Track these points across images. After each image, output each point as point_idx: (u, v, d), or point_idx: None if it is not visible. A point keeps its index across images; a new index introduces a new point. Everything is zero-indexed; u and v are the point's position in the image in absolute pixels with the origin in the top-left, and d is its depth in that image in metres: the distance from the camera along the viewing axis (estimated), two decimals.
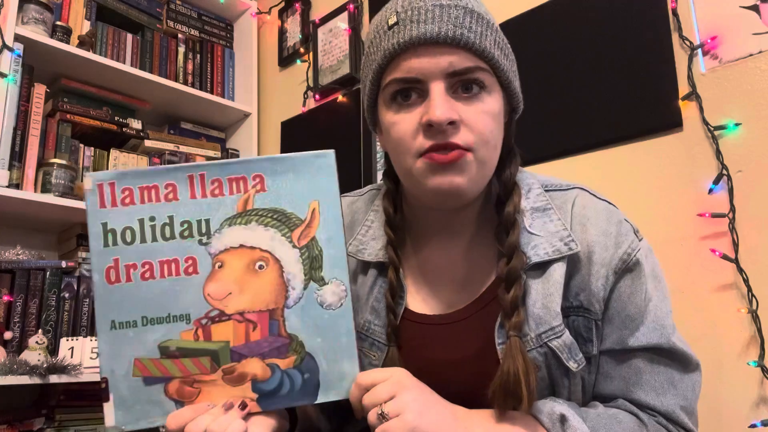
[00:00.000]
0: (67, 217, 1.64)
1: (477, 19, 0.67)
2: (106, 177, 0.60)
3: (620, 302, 0.70)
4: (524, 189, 0.75)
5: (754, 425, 0.93)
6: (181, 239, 0.60)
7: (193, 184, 0.60)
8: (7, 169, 1.48)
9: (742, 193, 1.01)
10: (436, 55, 0.66)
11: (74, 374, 1.40)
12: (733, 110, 1.04)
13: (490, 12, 0.72)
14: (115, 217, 0.60)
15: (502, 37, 0.71)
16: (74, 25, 1.77)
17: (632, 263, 0.70)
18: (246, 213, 0.60)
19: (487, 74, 0.68)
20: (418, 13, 0.67)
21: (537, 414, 0.64)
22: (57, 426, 1.48)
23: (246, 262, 0.60)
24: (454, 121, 0.65)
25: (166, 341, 0.59)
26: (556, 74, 1.29)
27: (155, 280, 0.59)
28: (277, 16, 2.11)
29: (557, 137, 1.26)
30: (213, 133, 2.14)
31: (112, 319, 0.59)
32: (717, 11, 1.08)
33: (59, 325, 1.53)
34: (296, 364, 0.59)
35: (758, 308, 0.97)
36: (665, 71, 1.12)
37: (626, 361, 0.70)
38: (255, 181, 0.60)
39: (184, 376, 0.59)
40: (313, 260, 0.60)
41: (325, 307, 0.60)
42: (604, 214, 0.73)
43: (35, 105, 1.59)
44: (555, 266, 0.69)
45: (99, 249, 0.60)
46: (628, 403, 0.70)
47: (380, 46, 0.69)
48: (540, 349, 0.68)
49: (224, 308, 0.59)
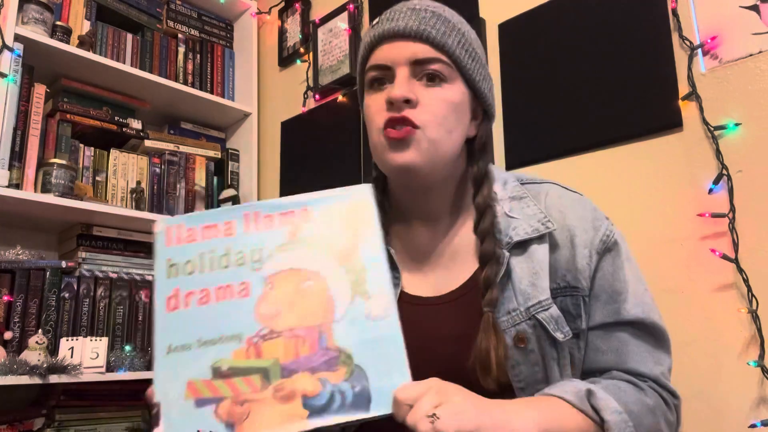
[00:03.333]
0: (67, 217, 1.64)
1: (443, 21, 0.80)
2: (175, 221, 0.66)
3: (605, 280, 0.78)
4: (500, 182, 0.85)
5: (754, 425, 0.93)
6: (236, 267, 0.64)
7: (248, 221, 0.65)
8: (7, 169, 1.48)
9: (742, 193, 1.01)
10: (402, 46, 0.78)
11: (74, 374, 1.40)
12: (733, 110, 1.04)
13: (466, 23, 0.84)
14: (179, 252, 0.65)
15: (468, 41, 0.82)
16: (74, 25, 1.76)
17: (611, 243, 0.79)
18: (294, 240, 0.65)
19: (448, 67, 0.79)
20: (394, 14, 0.81)
21: (563, 395, 0.68)
22: (57, 426, 1.48)
23: (294, 282, 0.63)
24: (410, 100, 0.76)
25: (218, 361, 0.61)
26: (556, 74, 1.28)
27: (210, 305, 0.62)
28: (277, 16, 2.11)
29: (557, 137, 1.26)
30: (213, 133, 2.14)
31: (169, 344, 0.62)
32: (717, 11, 1.08)
33: (59, 325, 1.53)
34: (346, 377, 0.60)
35: (758, 308, 0.97)
36: (665, 71, 1.12)
37: (615, 334, 0.77)
38: (302, 212, 0.66)
39: (234, 396, 0.60)
40: (357, 275, 0.63)
41: (372, 318, 0.62)
42: (579, 203, 0.83)
43: (35, 105, 1.59)
44: (536, 247, 0.77)
45: (162, 280, 0.64)
46: (622, 373, 0.76)
47: (364, 42, 0.84)
48: (529, 321, 0.74)
49: (274, 326, 0.61)
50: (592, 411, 0.66)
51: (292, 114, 1.97)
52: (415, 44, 0.78)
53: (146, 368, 1.58)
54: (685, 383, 1.02)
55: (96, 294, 1.63)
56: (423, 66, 0.78)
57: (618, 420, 0.66)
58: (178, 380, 0.60)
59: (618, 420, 0.66)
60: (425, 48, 0.78)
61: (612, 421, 0.65)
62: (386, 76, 0.79)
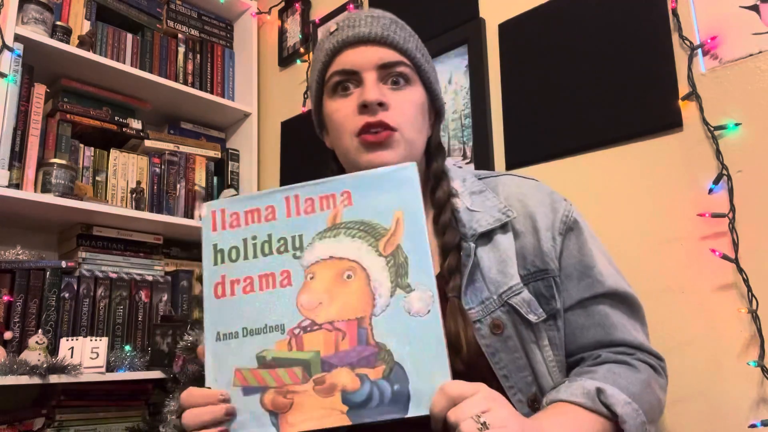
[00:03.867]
0: (67, 217, 1.64)
1: (401, 27, 0.85)
2: (219, 205, 0.66)
3: (573, 258, 0.81)
4: (459, 179, 0.88)
5: (754, 425, 0.93)
6: (278, 254, 0.64)
7: (289, 205, 0.65)
8: (7, 169, 1.48)
9: (742, 193, 1.01)
10: (369, 51, 0.81)
11: (74, 374, 1.40)
12: (733, 110, 1.04)
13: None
14: (224, 238, 0.65)
15: (422, 46, 0.88)
16: (74, 25, 1.76)
17: (572, 222, 0.83)
18: (335, 227, 0.64)
19: (410, 70, 0.83)
20: (354, 20, 0.83)
21: (575, 399, 0.68)
22: (57, 426, 1.48)
23: (335, 272, 0.62)
24: (383, 103, 0.78)
25: (262, 351, 0.62)
26: (555, 74, 1.28)
27: (254, 294, 0.63)
28: (277, 16, 2.11)
29: (557, 137, 1.26)
30: (213, 133, 2.14)
31: (218, 331, 0.63)
32: (717, 11, 1.08)
33: (59, 325, 1.53)
34: (385, 374, 0.59)
35: (758, 308, 0.97)
36: (665, 71, 1.12)
37: (595, 308, 0.80)
38: (343, 196, 0.64)
39: (278, 386, 0.61)
40: (398, 267, 0.62)
41: (413, 314, 0.61)
42: (536, 188, 0.86)
43: (35, 105, 1.59)
44: (501, 236, 0.81)
45: (210, 267, 0.65)
46: (609, 353, 0.77)
47: (323, 48, 0.85)
48: (503, 308, 0.77)
49: (315, 318, 0.61)
50: (604, 408, 0.68)
51: (292, 114, 1.97)
52: (381, 49, 0.81)
53: (146, 368, 1.58)
54: (685, 383, 1.02)
55: (96, 294, 1.63)
56: (389, 69, 0.81)
57: (629, 411, 0.68)
58: (226, 367, 0.62)
59: (629, 411, 0.68)
60: (391, 52, 0.81)
61: (624, 413, 0.67)
62: (352, 81, 0.82)
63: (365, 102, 0.78)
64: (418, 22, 0.95)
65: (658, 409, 0.76)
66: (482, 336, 0.75)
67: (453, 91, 1.47)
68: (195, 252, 1.97)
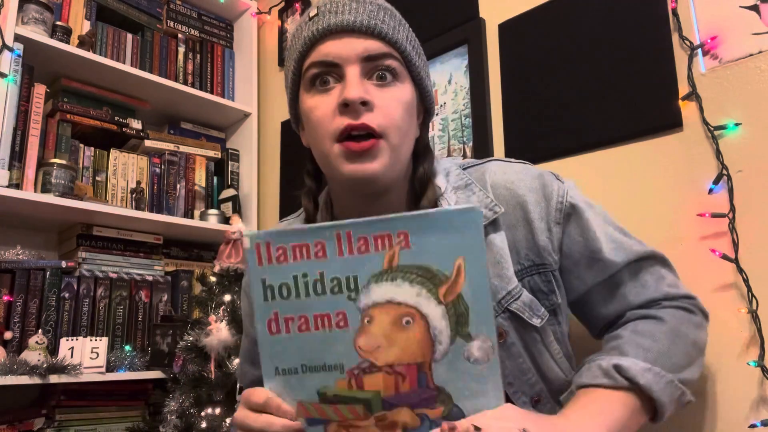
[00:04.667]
0: (67, 217, 1.64)
1: (390, 15, 0.75)
2: (262, 237, 0.63)
3: (577, 244, 0.77)
4: (443, 174, 0.81)
5: (754, 425, 0.93)
6: (332, 295, 0.62)
7: (340, 242, 0.61)
8: (7, 169, 1.48)
9: (742, 193, 1.01)
10: (352, 42, 0.72)
11: (74, 374, 1.40)
12: (733, 110, 1.04)
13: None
14: (272, 273, 0.63)
15: (413, 37, 0.78)
16: (74, 25, 1.77)
17: (568, 208, 0.78)
18: (392, 269, 0.61)
19: (399, 63, 0.74)
20: (337, 5, 0.73)
21: (596, 381, 0.68)
22: (57, 426, 1.48)
23: (393, 317, 0.61)
24: (367, 102, 0.70)
25: (323, 388, 0.62)
26: (556, 74, 1.28)
27: (311, 332, 0.62)
28: (277, 16, 2.11)
29: (557, 137, 1.26)
30: (213, 133, 2.14)
31: (276, 366, 0.63)
32: (717, 11, 1.08)
33: (59, 325, 1.53)
34: (444, 414, 0.60)
35: (758, 308, 0.97)
36: (665, 71, 1.12)
37: (613, 284, 0.78)
38: (399, 238, 0.60)
39: (341, 420, 0.61)
40: (459, 316, 0.60)
41: (472, 361, 0.60)
42: (524, 173, 0.80)
43: (35, 105, 1.59)
44: (492, 235, 0.76)
45: (260, 302, 0.63)
46: (635, 311, 0.76)
47: (301, 36, 0.75)
48: (504, 314, 0.74)
49: (374, 360, 0.61)
50: (626, 382, 0.67)
51: None
52: (366, 40, 0.72)
53: (146, 368, 1.58)
54: None
55: (96, 294, 1.63)
56: (375, 62, 0.72)
57: (650, 377, 0.67)
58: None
59: (650, 377, 0.67)
60: (377, 44, 0.72)
61: (646, 381, 0.67)
62: (331, 74, 0.73)
63: (346, 100, 0.69)
64: (418, 22, 0.95)
65: (695, 349, 0.76)
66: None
67: (453, 91, 1.47)
68: (195, 252, 1.97)
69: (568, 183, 0.81)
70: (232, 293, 1.45)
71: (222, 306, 1.43)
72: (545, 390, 0.76)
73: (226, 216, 1.91)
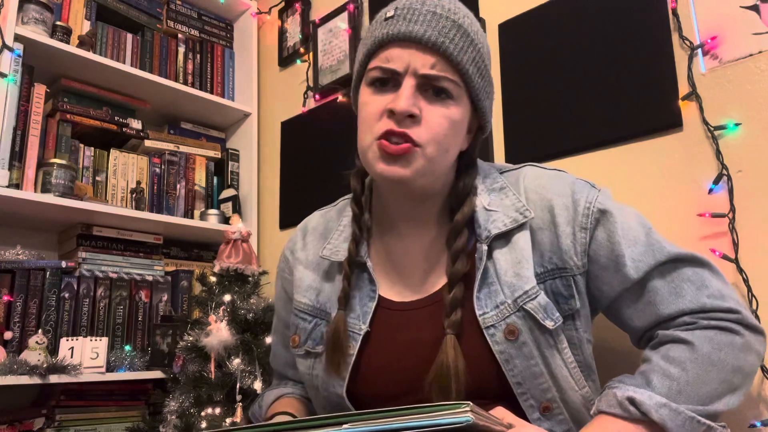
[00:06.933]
0: (67, 217, 1.64)
1: (462, 35, 0.75)
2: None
3: (604, 249, 0.76)
4: (482, 175, 0.83)
5: (754, 425, 0.93)
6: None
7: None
8: (7, 169, 1.48)
9: (742, 193, 1.01)
10: (416, 55, 0.73)
11: (74, 374, 1.40)
12: (733, 110, 1.04)
13: (483, 34, 0.80)
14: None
15: (483, 59, 0.79)
16: (74, 25, 1.76)
17: (597, 214, 0.77)
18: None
19: (456, 86, 0.75)
20: (412, 13, 0.74)
21: (612, 410, 0.68)
22: (57, 426, 1.48)
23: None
24: (414, 115, 0.72)
25: None
26: (555, 74, 1.28)
27: None
28: (277, 16, 2.11)
29: (557, 137, 1.26)
30: (213, 133, 2.14)
31: None
32: (717, 11, 1.08)
33: (59, 325, 1.53)
34: None
35: (758, 308, 0.97)
36: (665, 71, 1.12)
37: (642, 290, 0.76)
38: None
39: None
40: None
41: None
42: (557, 179, 0.81)
43: (35, 105, 1.59)
44: (518, 235, 0.77)
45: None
46: (666, 332, 0.73)
47: (374, 34, 0.77)
48: (518, 313, 0.74)
49: None
50: (641, 415, 0.66)
51: (292, 114, 1.96)
52: (430, 56, 0.73)
53: (146, 368, 1.58)
54: None
55: (96, 294, 1.63)
56: (431, 81, 0.74)
57: (665, 413, 0.66)
58: None
59: (665, 413, 0.66)
60: (439, 62, 0.73)
61: (660, 417, 0.66)
62: (391, 80, 0.75)
63: (394, 110, 0.72)
64: None
65: (738, 375, 0.70)
66: (496, 342, 0.73)
67: None
68: (195, 252, 1.97)
69: (603, 190, 0.81)
70: (232, 293, 1.45)
71: (222, 306, 1.43)
72: (558, 398, 0.75)
73: (226, 216, 1.92)
